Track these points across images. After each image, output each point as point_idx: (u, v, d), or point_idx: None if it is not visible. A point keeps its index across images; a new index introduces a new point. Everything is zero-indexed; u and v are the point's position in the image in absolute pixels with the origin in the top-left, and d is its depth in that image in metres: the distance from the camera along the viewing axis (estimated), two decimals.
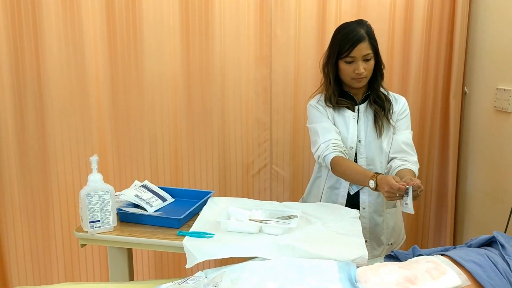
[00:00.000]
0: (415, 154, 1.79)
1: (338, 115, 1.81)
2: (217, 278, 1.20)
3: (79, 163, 2.20)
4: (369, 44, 1.70)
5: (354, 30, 1.71)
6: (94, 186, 1.46)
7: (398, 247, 1.90)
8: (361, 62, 1.70)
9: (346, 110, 1.80)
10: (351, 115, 1.79)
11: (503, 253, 1.22)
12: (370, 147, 1.78)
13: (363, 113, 1.80)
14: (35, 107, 2.14)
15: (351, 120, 1.79)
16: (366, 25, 1.74)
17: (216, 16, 2.22)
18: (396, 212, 1.87)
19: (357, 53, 1.69)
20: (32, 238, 2.24)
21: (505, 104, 2.14)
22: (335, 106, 1.80)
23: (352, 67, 1.71)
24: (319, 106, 1.84)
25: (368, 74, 1.73)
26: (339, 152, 1.72)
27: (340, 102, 1.80)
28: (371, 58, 1.72)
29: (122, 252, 1.58)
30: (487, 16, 2.29)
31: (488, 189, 2.31)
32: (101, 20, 2.13)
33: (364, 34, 1.69)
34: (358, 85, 1.75)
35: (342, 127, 1.80)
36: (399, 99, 1.84)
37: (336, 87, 1.80)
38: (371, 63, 1.72)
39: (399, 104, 1.83)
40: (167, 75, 2.24)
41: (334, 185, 1.83)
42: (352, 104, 1.81)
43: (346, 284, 1.16)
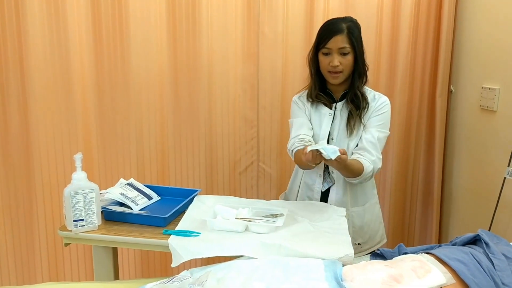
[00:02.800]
0: (376, 154, 1.71)
1: (315, 111, 1.81)
2: (203, 278, 1.19)
3: (63, 161, 2.17)
4: (347, 37, 1.67)
5: (335, 23, 1.70)
6: (78, 184, 1.44)
7: (375, 248, 1.86)
8: (336, 55, 1.68)
9: (323, 107, 1.80)
10: (327, 113, 1.79)
11: (487, 251, 1.23)
12: (340, 145, 1.75)
13: (339, 111, 1.78)
14: (18, 104, 2.10)
15: (326, 117, 1.78)
16: (351, 21, 1.72)
17: (203, 13, 2.20)
18: (365, 213, 1.83)
19: (333, 45, 1.68)
20: (16, 237, 2.21)
21: (490, 102, 2.16)
22: (314, 101, 1.80)
23: (328, 59, 1.70)
24: (299, 101, 1.84)
25: (345, 69, 1.70)
26: (303, 146, 1.67)
27: (319, 98, 1.79)
28: (349, 53, 1.69)
29: (107, 251, 1.57)
30: (473, 16, 2.31)
31: (474, 187, 2.33)
32: (86, 16, 2.10)
33: (343, 28, 1.68)
34: (334, 81, 1.73)
35: (316, 123, 1.80)
36: (378, 97, 1.79)
37: (318, 81, 1.79)
38: (348, 58, 1.69)
39: (377, 102, 1.77)
40: (154, 71, 2.22)
41: (309, 182, 1.83)
42: (330, 101, 1.80)
43: (332, 282, 1.16)
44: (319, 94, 1.79)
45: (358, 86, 1.75)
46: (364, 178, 1.70)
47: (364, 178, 1.69)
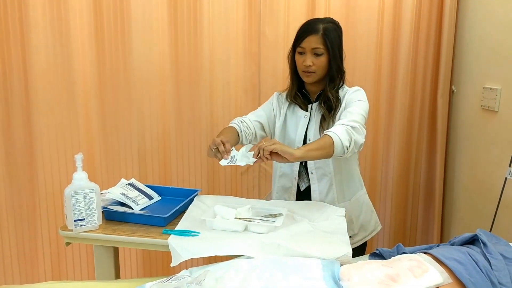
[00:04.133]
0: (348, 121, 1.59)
1: (291, 114, 1.82)
2: (201, 277, 1.20)
3: (66, 161, 2.19)
4: (321, 38, 1.67)
5: (312, 23, 1.71)
6: (79, 184, 1.45)
7: (369, 237, 1.90)
8: (309, 55, 1.68)
9: (299, 110, 1.81)
10: (302, 115, 1.80)
11: (485, 251, 1.23)
12: None
13: (314, 112, 1.78)
14: (21, 106, 2.12)
15: (302, 119, 1.79)
16: (330, 23, 1.71)
17: (204, 14, 2.21)
18: (353, 206, 1.84)
19: (307, 45, 1.68)
20: (19, 236, 2.23)
21: (491, 103, 2.16)
22: (291, 102, 1.81)
23: (302, 59, 1.70)
24: (277, 100, 1.87)
25: (318, 70, 1.70)
26: (236, 125, 1.79)
27: (296, 99, 1.80)
28: (322, 54, 1.68)
29: (108, 251, 1.58)
30: (474, 16, 2.31)
31: (475, 187, 2.33)
32: (88, 19, 2.12)
33: (319, 28, 1.68)
34: (307, 79, 1.73)
35: (292, 126, 1.80)
36: (350, 89, 1.76)
37: (296, 80, 1.80)
38: (321, 59, 1.69)
39: (348, 94, 1.74)
40: (155, 72, 2.24)
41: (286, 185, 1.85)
42: (305, 103, 1.81)
43: (329, 282, 1.17)
44: (296, 95, 1.80)
45: (330, 89, 1.74)
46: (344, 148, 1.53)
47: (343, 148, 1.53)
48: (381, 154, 2.53)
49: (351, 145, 1.55)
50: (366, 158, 2.53)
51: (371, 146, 2.52)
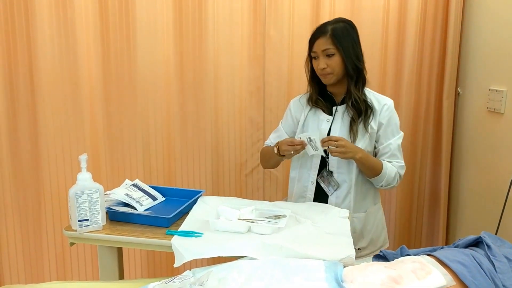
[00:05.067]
0: (402, 160, 1.81)
1: (313, 115, 1.82)
2: (204, 277, 1.20)
3: (71, 162, 2.20)
4: (330, 39, 1.67)
5: (321, 26, 1.72)
6: (83, 184, 1.46)
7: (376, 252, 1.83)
8: (322, 58, 1.70)
9: (321, 113, 1.81)
10: (325, 118, 1.80)
11: (489, 253, 1.23)
12: None
13: (340, 114, 1.78)
14: (27, 107, 2.14)
15: (324, 123, 1.79)
16: (340, 22, 1.72)
17: (209, 16, 2.22)
18: (367, 218, 1.83)
19: (317, 48, 1.70)
20: (24, 236, 2.24)
21: (497, 105, 2.15)
22: (313, 106, 1.81)
23: (316, 63, 1.72)
24: (298, 103, 1.89)
25: (334, 70, 1.70)
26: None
27: (318, 103, 1.80)
28: (334, 54, 1.69)
29: (111, 251, 1.59)
30: (480, 18, 2.30)
31: (481, 189, 2.32)
32: (94, 21, 2.13)
33: (327, 30, 1.68)
34: (325, 81, 1.75)
35: (314, 127, 1.80)
36: (382, 102, 1.77)
37: (315, 86, 1.81)
38: (334, 59, 1.69)
39: (383, 108, 1.76)
40: (160, 74, 2.25)
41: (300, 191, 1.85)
42: (329, 106, 1.80)
43: (332, 283, 1.17)
44: (318, 99, 1.81)
45: (353, 89, 1.73)
46: (389, 181, 1.75)
47: (388, 180, 1.75)
48: None
49: (388, 187, 1.79)
50: None
51: None
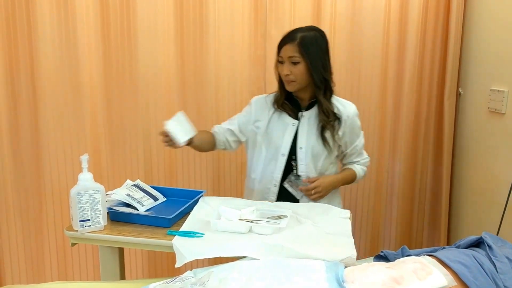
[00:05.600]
0: (366, 155, 1.95)
1: (278, 118, 1.82)
2: (205, 278, 1.20)
3: (72, 162, 2.20)
4: (297, 47, 1.67)
5: (291, 33, 1.73)
6: (84, 185, 1.46)
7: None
8: (287, 64, 1.70)
9: (286, 117, 1.81)
10: (290, 122, 1.80)
11: (490, 254, 1.23)
12: (311, 154, 1.78)
13: (306, 120, 1.79)
14: (29, 107, 2.14)
15: (289, 127, 1.80)
16: (310, 31, 1.72)
17: (210, 16, 2.22)
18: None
19: (284, 54, 1.71)
20: (26, 237, 2.25)
21: (498, 105, 2.15)
22: (278, 108, 1.81)
23: (281, 68, 1.73)
24: (259, 102, 1.87)
25: (296, 78, 1.70)
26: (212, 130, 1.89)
27: (284, 106, 1.80)
28: (299, 62, 1.69)
29: (113, 251, 1.59)
30: (481, 18, 2.30)
31: (482, 190, 2.31)
32: (95, 21, 2.13)
33: (296, 37, 1.69)
34: (288, 88, 1.75)
35: (278, 133, 1.80)
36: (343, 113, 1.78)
37: (284, 90, 1.79)
38: (298, 68, 1.69)
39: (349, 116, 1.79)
40: (161, 74, 2.25)
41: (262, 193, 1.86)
42: (294, 111, 1.81)
43: (333, 284, 1.17)
44: (284, 103, 1.81)
45: (322, 99, 1.75)
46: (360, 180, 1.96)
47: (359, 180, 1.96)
48: (387, 157, 2.52)
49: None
50: (372, 161, 2.50)
51: (377, 148, 2.51)
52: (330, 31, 2.33)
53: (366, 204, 2.58)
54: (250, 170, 1.90)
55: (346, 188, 2.56)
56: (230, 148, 1.91)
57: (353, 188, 2.56)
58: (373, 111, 2.47)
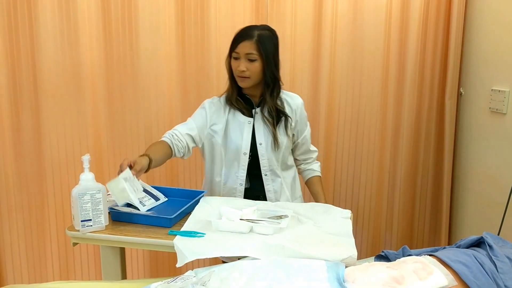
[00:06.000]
0: (313, 146, 1.98)
1: (233, 118, 1.81)
2: (206, 277, 1.20)
3: (74, 162, 2.21)
4: (255, 44, 1.69)
5: (248, 29, 1.73)
6: (85, 185, 1.46)
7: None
8: (243, 60, 1.71)
9: (240, 115, 1.81)
10: (246, 121, 1.80)
11: (491, 253, 1.23)
12: (271, 147, 1.80)
13: (260, 117, 1.81)
14: (30, 107, 2.15)
15: (246, 125, 1.80)
16: (265, 30, 1.74)
17: (211, 16, 2.23)
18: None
19: (241, 50, 1.70)
20: (28, 236, 2.25)
21: (500, 105, 2.15)
22: (232, 105, 1.81)
23: (236, 64, 1.72)
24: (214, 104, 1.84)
25: (252, 75, 1.72)
26: (167, 139, 1.76)
27: (238, 103, 1.80)
28: (256, 60, 1.70)
29: (114, 251, 1.59)
30: (482, 18, 2.30)
31: (483, 190, 2.31)
32: (96, 20, 2.14)
33: (254, 34, 1.70)
34: (242, 84, 1.75)
35: (236, 132, 1.80)
36: (292, 105, 1.83)
37: (235, 85, 1.80)
38: (255, 65, 1.71)
39: (295, 109, 1.84)
40: (163, 74, 2.26)
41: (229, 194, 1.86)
42: (248, 108, 1.81)
43: (334, 283, 1.17)
44: (238, 100, 1.81)
45: (268, 98, 1.77)
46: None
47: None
48: (389, 156, 2.52)
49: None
50: (373, 160, 2.53)
51: (378, 148, 2.51)
52: (332, 30, 2.34)
53: (367, 204, 2.58)
54: (213, 173, 1.87)
55: (348, 188, 2.57)
56: (187, 154, 1.82)
57: (355, 188, 2.56)
58: (374, 111, 2.47)
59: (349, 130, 2.49)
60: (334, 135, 2.48)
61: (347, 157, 2.52)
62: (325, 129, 2.44)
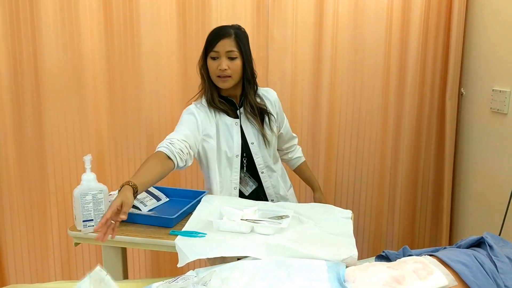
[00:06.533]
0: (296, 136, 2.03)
1: (221, 122, 1.78)
2: (207, 277, 1.21)
3: (76, 162, 2.22)
4: (234, 42, 1.69)
5: (223, 28, 1.73)
6: (87, 185, 1.47)
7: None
8: (224, 59, 1.69)
9: (226, 117, 1.79)
10: (233, 123, 1.79)
11: (491, 253, 1.23)
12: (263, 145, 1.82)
13: (245, 118, 1.81)
14: (32, 108, 2.16)
15: (234, 127, 1.79)
16: (238, 29, 1.74)
17: (213, 17, 2.23)
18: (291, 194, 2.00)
19: (221, 48, 1.69)
20: (30, 236, 2.26)
21: (501, 105, 2.15)
22: (217, 108, 1.77)
23: (216, 63, 1.70)
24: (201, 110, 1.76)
25: (233, 74, 1.71)
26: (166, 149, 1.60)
27: (222, 105, 1.78)
28: (237, 57, 1.70)
29: (115, 251, 1.60)
30: (483, 18, 2.30)
31: (484, 190, 2.31)
32: (98, 19, 2.15)
33: (231, 32, 1.70)
34: (223, 85, 1.73)
35: (227, 135, 1.78)
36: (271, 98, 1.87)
37: (214, 87, 1.77)
38: (236, 63, 1.70)
39: (274, 106, 1.87)
40: (164, 74, 2.26)
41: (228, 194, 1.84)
42: (232, 109, 1.80)
43: (334, 283, 1.17)
44: (221, 101, 1.78)
45: (250, 95, 1.78)
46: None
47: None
48: (390, 157, 2.53)
49: None
50: (374, 160, 2.53)
51: (379, 148, 2.52)
52: (333, 31, 2.34)
53: (368, 204, 2.59)
54: (212, 181, 1.80)
55: (349, 188, 2.57)
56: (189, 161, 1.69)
57: (356, 188, 2.56)
58: (375, 111, 2.47)
59: (350, 130, 2.50)
60: (335, 135, 2.48)
61: (348, 157, 2.53)
62: (327, 129, 2.44)
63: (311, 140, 2.46)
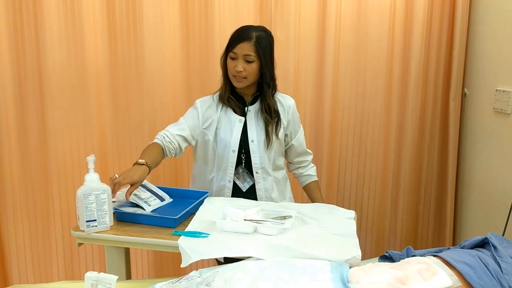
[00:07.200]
0: (310, 153, 2.00)
1: (224, 116, 1.83)
2: (210, 278, 1.21)
3: (79, 162, 2.22)
4: (253, 46, 1.70)
5: (246, 30, 1.74)
6: (90, 185, 1.47)
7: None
8: (241, 61, 1.72)
9: (232, 113, 1.83)
10: (237, 119, 1.82)
11: (495, 254, 1.23)
12: (263, 145, 1.82)
13: (253, 115, 1.83)
14: (36, 109, 2.16)
15: (237, 124, 1.81)
16: (262, 31, 1.75)
17: (216, 16, 2.23)
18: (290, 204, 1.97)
19: (239, 51, 1.71)
20: (33, 236, 2.27)
21: (504, 105, 2.14)
22: (224, 104, 1.82)
23: (234, 64, 1.73)
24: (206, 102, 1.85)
25: (249, 76, 1.74)
26: (159, 141, 1.79)
27: (230, 101, 1.82)
28: (254, 61, 1.72)
29: (119, 251, 1.60)
30: (486, 18, 2.29)
31: (488, 190, 2.31)
32: (101, 20, 2.15)
33: (252, 36, 1.71)
34: (237, 84, 1.77)
35: (227, 130, 1.81)
36: (285, 103, 1.87)
37: (228, 83, 1.82)
38: (252, 66, 1.72)
39: (287, 109, 1.86)
40: (167, 74, 2.26)
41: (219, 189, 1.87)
42: (240, 106, 1.83)
43: (338, 284, 1.17)
44: (230, 97, 1.82)
45: (269, 97, 1.80)
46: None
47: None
48: (393, 157, 2.52)
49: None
50: (378, 161, 2.53)
51: (382, 148, 2.51)
52: (336, 31, 2.34)
53: (371, 205, 2.58)
54: (206, 171, 1.89)
55: (352, 189, 2.57)
56: (179, 154, 1.85)
57: (359, 189, 2.56)
58: (378, 111, 2.47)
59: (353, 131, 2.50)
60: (338, 135, 2.48)
61: (351, 157, 2.52)
62: (329, 130, 2.44)
63: (313, 140, 2.46)
